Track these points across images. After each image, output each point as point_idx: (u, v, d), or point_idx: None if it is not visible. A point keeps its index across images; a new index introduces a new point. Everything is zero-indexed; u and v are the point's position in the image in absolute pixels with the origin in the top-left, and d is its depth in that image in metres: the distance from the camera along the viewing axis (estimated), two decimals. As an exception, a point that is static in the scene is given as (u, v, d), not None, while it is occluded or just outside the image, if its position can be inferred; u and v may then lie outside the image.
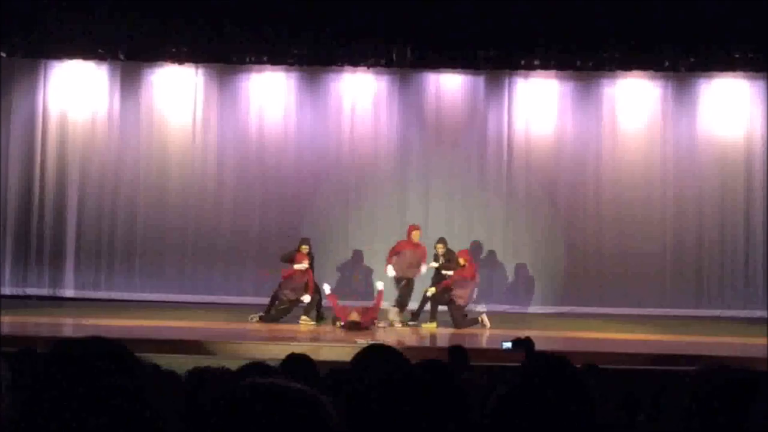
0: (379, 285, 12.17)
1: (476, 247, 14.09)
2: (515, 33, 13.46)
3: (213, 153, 14.99)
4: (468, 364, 6.49)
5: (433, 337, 11.63)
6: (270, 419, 1.16)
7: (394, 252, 12.52)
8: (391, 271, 12.43)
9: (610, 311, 13.97)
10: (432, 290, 12.14)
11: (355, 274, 14.24)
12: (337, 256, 14.44)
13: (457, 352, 6.61)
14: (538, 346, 6.81)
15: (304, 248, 12.40)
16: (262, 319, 12.09)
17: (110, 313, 12.36)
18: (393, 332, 11.70)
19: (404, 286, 12.49)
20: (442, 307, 12.11)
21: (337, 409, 1.24)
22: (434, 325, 12.00)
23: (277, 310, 12.16)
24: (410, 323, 12.20)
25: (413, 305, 12.60)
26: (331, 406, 1.21)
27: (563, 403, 1.87)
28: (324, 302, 12.26)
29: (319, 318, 12.27)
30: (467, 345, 10.63)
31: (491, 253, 14.51)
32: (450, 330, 11.85)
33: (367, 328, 11.41)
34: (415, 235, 12.56)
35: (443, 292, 12.00)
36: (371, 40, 13.96)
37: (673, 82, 14.66)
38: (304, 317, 12.17)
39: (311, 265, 12.43)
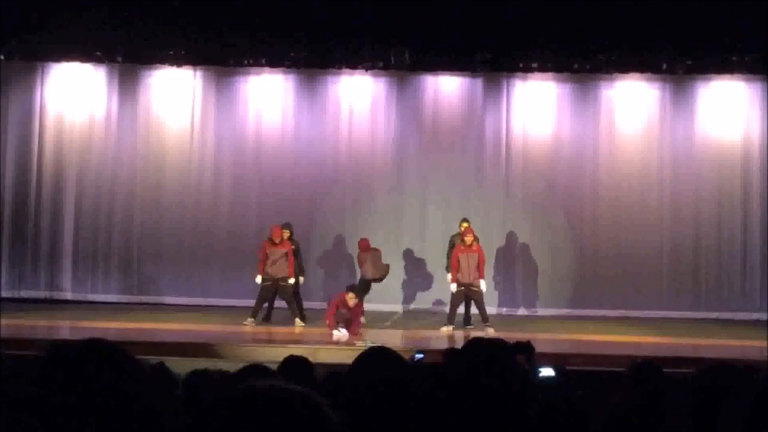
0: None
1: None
2: (513, 35, 13.47)
3: (210, 155, 14.98)
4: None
5: (439, 339, 11.53)
6: (270, 422, 1.15)
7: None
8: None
9: (607, 313, 13.99)
10: (454, 286, 12.07)
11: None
12: (334, 258, 14.44)
13: (452, 355, 6.59)
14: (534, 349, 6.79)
15: (285, 232, 12.38)
16: (252, 315, 12.10)
17: (107, 316, 12.34)
18: (395, 335, 11.70)
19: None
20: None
21: (336, 411, 1.23)
22: (451, 328, 11.99)
23: (262, 289, 12.14)
24: (468, 327, 12.21)
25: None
26: (331, 409, 1.20)
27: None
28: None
29: (303, 318, 12.26)
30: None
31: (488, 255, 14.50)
32: (456, 331, 11.89)
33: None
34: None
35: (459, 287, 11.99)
36: (369, 43, 13.96)
37: (670, 84, 14.67)
38: (297, 320, 12.16)
39: (296, 252, 12.47)
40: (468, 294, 12.12)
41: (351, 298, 11.35)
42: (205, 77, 15.00)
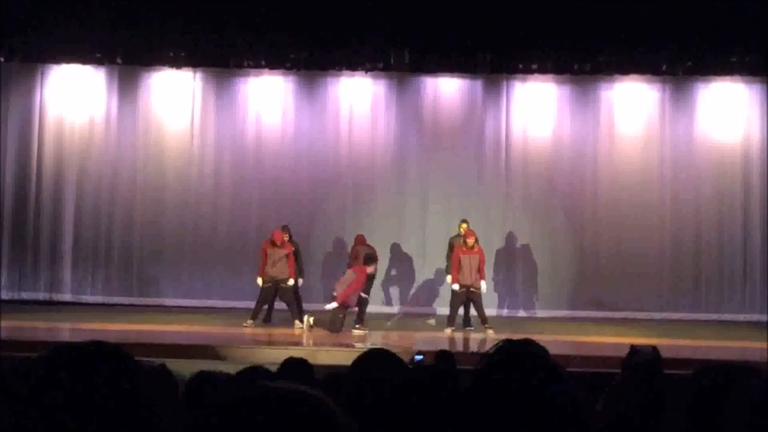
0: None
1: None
2: (513, 37, 13.48)
3: (210, 157, 14.99)
4: (455, 368, 6.45)
5: (440, 341, 11.51)
6: (279, 424, 1.15)
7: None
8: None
9: (608, 315, 13.98)
10: (456, 286, 12.07)
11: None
12: (334, 259, 14.43)
13: (444, 356, 6.58)
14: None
15: (285, 236, 12.36)
16: (252, 317, 12.10)
17: (107, 318, 12.33)
18: (395, 336, 11.70)
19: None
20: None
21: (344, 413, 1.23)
22: (451, 330, 11.97)
23: (262, 290, 12.12)
24: (467, 329, 12.21)
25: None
26: (342, 412, 1.19)
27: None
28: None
29: (303, 320, 12.25)
30: (461, 348, 10.65)
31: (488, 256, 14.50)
32: (457, 333, 11.88)
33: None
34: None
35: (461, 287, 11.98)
36: (369, 44, 13.97)
37: (670, 85, 14.68)
38: (296, 322, 12.14)
39: (296, 253, 12.42)
40: (468, 295, 12.11)
41: (372, 268, 11.59)
42: (205, 79, 15.00)
